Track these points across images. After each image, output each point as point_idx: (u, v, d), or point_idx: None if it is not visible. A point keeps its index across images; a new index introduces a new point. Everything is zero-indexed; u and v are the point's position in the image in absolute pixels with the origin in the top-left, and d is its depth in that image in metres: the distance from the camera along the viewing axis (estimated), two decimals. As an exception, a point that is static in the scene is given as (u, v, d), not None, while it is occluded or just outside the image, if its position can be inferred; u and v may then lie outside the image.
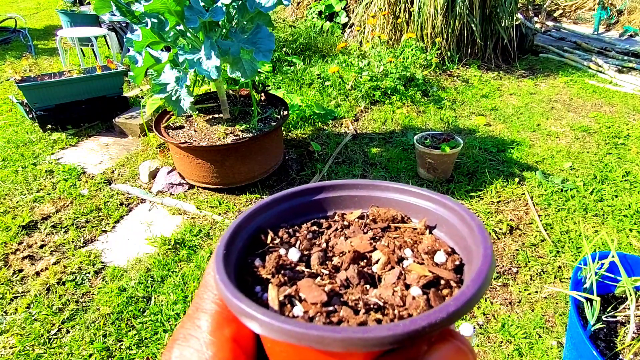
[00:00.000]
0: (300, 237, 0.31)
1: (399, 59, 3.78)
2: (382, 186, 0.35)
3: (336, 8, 5.02)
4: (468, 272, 0.27)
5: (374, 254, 0.29)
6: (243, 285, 0.27)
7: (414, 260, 0.29)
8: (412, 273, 0.27)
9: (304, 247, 0.30)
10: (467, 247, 0.28)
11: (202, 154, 2.24)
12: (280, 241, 0.31)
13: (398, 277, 0.27)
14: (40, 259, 1.98)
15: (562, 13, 6.52)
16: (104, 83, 3.19)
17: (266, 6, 2.02)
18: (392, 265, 0.28)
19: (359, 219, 0.34)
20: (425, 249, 0.29)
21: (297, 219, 0.34)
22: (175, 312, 1.67)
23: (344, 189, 0.35)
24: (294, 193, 0.34)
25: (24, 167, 2.69)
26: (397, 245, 0.30)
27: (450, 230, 0.31)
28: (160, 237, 2.07)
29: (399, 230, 0.33)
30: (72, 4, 5.17)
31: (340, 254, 0.29)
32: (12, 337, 1.59)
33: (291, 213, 0.34)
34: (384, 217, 0.33)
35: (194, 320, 0.26)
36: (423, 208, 0.33)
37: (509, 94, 3.78)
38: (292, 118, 3.10)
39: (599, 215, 2.21)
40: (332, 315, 0.24)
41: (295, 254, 0.29)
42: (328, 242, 0.31)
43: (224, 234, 0.29)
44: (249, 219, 0.31)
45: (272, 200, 0.33)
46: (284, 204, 0.33)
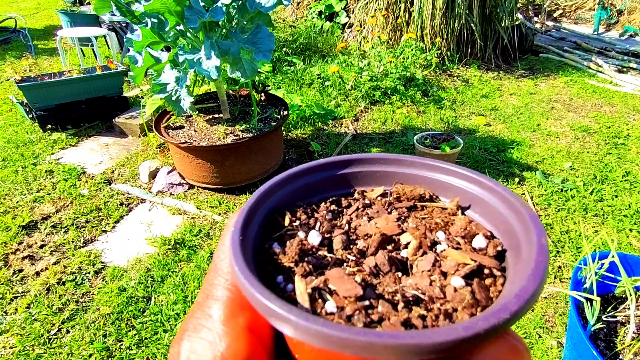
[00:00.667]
0: (319, 217, 0.29)
1: (399, 59, 3.78)
2: (406, 161, 0.31)
3: (336, 8, 5.02)
4: (514, 261, 0.24)
5: (403, 237, 0.27)
6: (263, 275, 0.24)
7: (449, 244, 0.26)
8: (448, 260, 0.24)
9: (325, 230, 0.27)
10: (509, 231, 0.25)
11: (202, 154, 2.24)
12: (299, 223, 0.28)
13: (433, 264, 0.24)
14: (40, 259, 1.98)
15: (562, 13, 6.52)
16: (104, 83, 3.19)
17: (266, 6, 2.02)
18: (424, 250, 0.25)
19: (381, 197, 0.31)
20: (459, 231, 0.26)
21: (314, 196, 0.31)
22: (175, 312, 1.67)
23: (365, 163, 0.32)
24: (309, 168, 0.31)
25: (24, 167, 2.69)
26: (427, 227, 0.27)
27: (486, 212, 0.28)
28: (160, 237, 2.07)
29: (426, 210, 0.30)
30: (72, 4, 5.17)
31: (364, 237, 0.27)
32: (12, 337, 1.59)
33: (307, 190, 0.31)
34: (409, 196, 0.30)
35: (204, 309, 0.24)
36: (454, 186, 0.30)
37: (509, 94, 3.78)
38: (292, 118, 3.10)
39: (599, 215, 2.21)
40: (370, 312, 0.21)
41: (315, 238, 0.26)
42: (350, 223, 0.28)
43: (238, 216, 0.25)
44: (263, 198, 0.28)
45: (286, 176, 0.29)
46: (299, 181, 0.30)
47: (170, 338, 1.56)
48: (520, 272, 0.22)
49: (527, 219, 0.24)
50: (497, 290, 0.23)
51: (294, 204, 0.29)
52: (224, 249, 0.26)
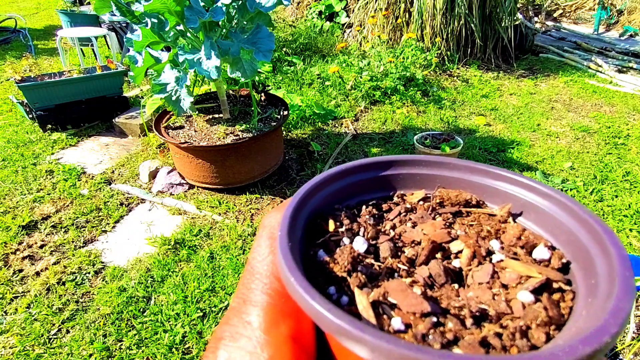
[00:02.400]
0: (362, 222, 0.27)
1: (399, 59, 3.78)
2: (450, 164, 0.30)
3: (336, 8, 5.02)
4: (585, 275, 0.22)
5: (453, 245, 0.25)
6: (314, 286, 0.22)
7: (506, 254, 0.24)
8: (507, 271, 0.22)
9: (370, 236, 0.26)
10: (572, 242, 0.23)
11: (202, 154, 2.24)
12: (344, 228, 0.26)
13: (491, 276, 0.22)
14: (40, 259, 1.98)
15: (562, 13, 6.52)
16: (104, 83, 3.19)
17: (266, 6, 2.02)
18: (479, 261, 0.24)
19: (422, 202, 0.29)
20: (514, 240, 0.24)
21: (352, 199, 0.29)
22: (175, 312, 1.67)
23: (405, 165, 0.30)
24: (347, 170, 0.29)
25: (24, 167, 2.69)
26: (479, 235, 0.25)
27: (542, 220, 0.26)
28: (160, 237, 2.07)
29: (473, 216, 0.28)
30: (72, 4, 5.17)
31: (411, 244, 0.25)
32: (12, 337, 1.59)
33: (344, 192, 0.29)
34: (454, 200, 0.28)
35: (241, 316, 0.22)
36: (501, 191, 0.28)
37: (509, 94, 3.78)
38: (292, 118, 3.10)
39: (599, 215, 2.21)
40: (443, 331, 0.20)
41: (361, 244, 0.25)
42: (394, 228, 0.27)
43: (282, 220, 0.23)
44: (304, 201, 0.26)
45: (324, 178, 0.28)
46: (337, 183, 0.29)
47: (171, 338, 1.56)
48: (603, 289, 0.20)
49: (597, 227, 0.22)
50: (567, 306, 0.21)
51: (333, 207, 0.28)
52: (260, 251, 0.24)
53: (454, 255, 0.25)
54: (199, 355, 1.51)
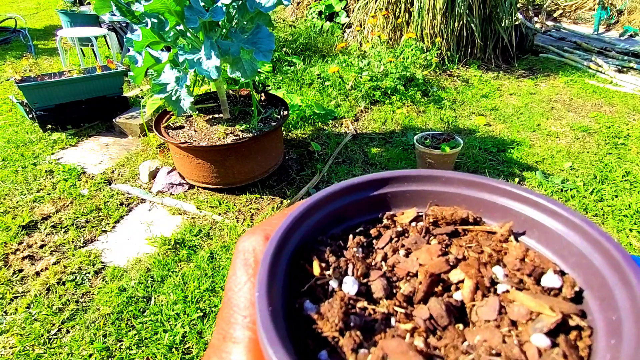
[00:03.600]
0: (350, 258, 0.24)
1: (399, 59, 3.78)
2: (442, 178, 0.27)
3: (336, 8, 5.02)
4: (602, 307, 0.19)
5: (452, 275, 0.22)
6: (301, 350, 0.19)
7: (511, 283, 0.21)
8: (515, 305, 0.20)
9: (360, 273, 0.23)
10: (585, 266, 0.21)
11: (202, 154, 2.24)
12: (330, 268, 0.23)
13: (499, 312, 0.20)
14: (40, 259, 1.98)
15: (562, 13, 6.52)
16: (104, 83, 3.19)
17: (266, 6, 2.02)
18: (483, 293, 0.21)
19: (414, 222, 0.27)
20: (517, 264, 0.22)
21: (336, 226, 0.26)
22: (175, 312, 1.67)
23: (393, 183, 0.27)
24: (327, 196, 0.26)
25: (24, 167, 2.69)
26: (480, 261, 0.23)
27: (547, 239, 0.24)
28: (160, 237, 2.07)
29: (470, 234, 0.25)
30: (72, 4, 5.17)
31: (407, 277, 0.23)
32: (12, 337, 1.59)
33: (328, 220, 0.26)
34: (449, 219, 0.26)
35: (222, 355, 0.20)
36: (500, 206, 0.25)
37: (509, 94, 3.78)
38: (292, 118, 3.10)
39: (599, 215, 2.21)
40: None
41: (351, 286, 0.22)
42: (386, 259, 0.24)
43: (260, 271, 0.20)
44: (284, 241, 0.23)
45: (304, 210, 0.24)
46: (319, 212, 0.26)
47: (171, 338, 1.56)
48: (628, 329, 0.17)
49: (613, 252, 0.20)
50: (585, 345, 0.19)
51: (316, 240, 0.25)
52: (235, 280, 0.23)
53: (455, 287, 0.22)
54: (199, 356, 1.51)
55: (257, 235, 0.24)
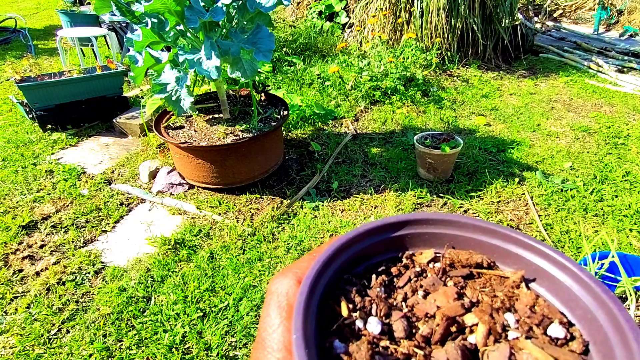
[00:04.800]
0: (373, 296, 0.26)
1: (399, 59, 3.78)
2: (458, 223, 0.29)
3: (336, 8, 5.02)
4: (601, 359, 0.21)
5: (467, 318, 0.24)
6: None
7: (521, 331, 0.23)
8: (524, 353, 0.21)
9: (383, 314, 0.25)
10: (590, 320, 0.23)
11: (202, 154, 2.24)
12: (356, 308, 0.25)
13: (509, 358, 0.21)
14: (40, 259, 1.98)
15: (562, 13, 6.52)
16: (104, 83, 3.19)
17: (266, 6, 2.02)
18: (495, 338, 0.23)
19: (432, 262, 0.28)
20: (527, 311, 0.24)
21: (359, 265, 0.28)
22: (175, 312, 1.67)
23: (412, 225, 0.29)
24: (353, 239, 0.28)
25: (24, 167, 2.69)
26: (493, 307, 0.24)
27: (556, 289, 0.25)
28: (160, 237, 2.07)
29: (484, 277, 0.27)
30: (72, 4, 5.17)
31: (425, 318, 0.24)
32: (12, 337, 1.59)
33: (352, 261, 0.28)
34: (465, 262, 0.27)
35: None
36: (513, 254, 0.27)
37: (509, 94, 3.78)
38: (292, 118, 3.10)
39: (599, 215, 2.21)
40: None
41: (375, 326, 0.24)
42: (406, 299, 0.26)
43: (295, 315, 0.22)
44: (314, 285, 0.24)
45: (332, 253, 0.26)
46: (346, 253, 0.27)
47: (171, 338, 1.57)
48: None
49: (616, 312, 0.21)
50: None
51: (342, 279, 0.27)
52: (269, 321, 0.24)
53: (469, 329, 0.24)
54: (199, 356, 1.51)
55: (289, 279, 0.26)
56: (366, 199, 2.38)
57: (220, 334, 1.58)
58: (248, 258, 1.94)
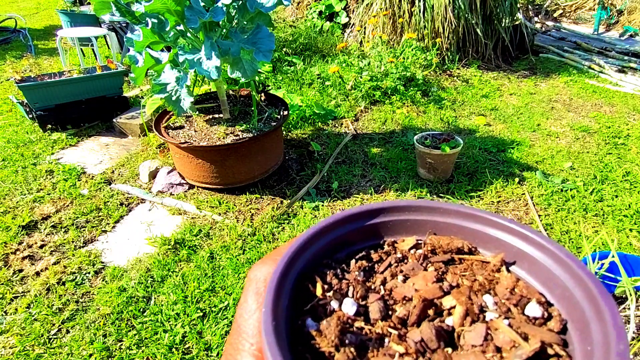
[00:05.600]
0: (351, 279, 0.26)
1: (399, 59, 3.78)
2: (440, 209, 0.29)
3: (336, 8, 5.02)
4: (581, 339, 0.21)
5: (445, 300, 0.24)
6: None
7: (499, 312, 0.23)
8: (500, 332, 0.22)
9: (359, 295, 0.25)
10: (568, 299, 0.23)
11: (202, 154, 2.24)
12: (332, 290, 0.25)
13: (485, 338, 0.21)
14: (40, 259, 1.98)
15: (562, 13, 6.52)
16: (104, 83, 3.19)
17: (266, 6, 2.02)
18: (472, 319, 0.23)
19: (414, 249, 0.28)
20: (506, 294, 0.24)
21: (341, 251, 0.28)
22: (175, 312, 1.67)
23: (394, 212, 0.29)
24: (335, 222, 0.28)
25: (24, 167, 2.69)
26: (471, 289, 0.24)
27: (535, 270, 0.25)
28: (160, 237, 2.07)
29: (465, 263, 0.27)
30: (72, 4, 5.17)
31: (402, 301, 0.24)
32: (12, 337, 1.59)
33: (332, 245, 0.28)
34: (446, 248, 0.28)
35: None
36: (494, 238, 0.27)
37: (509, 94, 3.78)
38: (292, 118, 3.10)
39: (599, 215, 2.21)
40: None
41: (350, 306, 0.24)
42: (384, 283, 0.26)
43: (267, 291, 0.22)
44: (290, 264, 0.24)
45: (311, 235, 0.26)
46: (324, 237, 0.27)
47: (171, 338, 1.56)
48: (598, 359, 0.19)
49: (591, 287, 0.22)
50: None
51: (321, 263, 0.27)
52: (246, 307, 0.23)
53: (447, 312, 0.24)
54: (199, 356, 1.51)
55: (268, 265, 0.25)
56: (366, 199, 2.38)
57: (220, 334, 1.58)
58: (248, 258, 1.94)
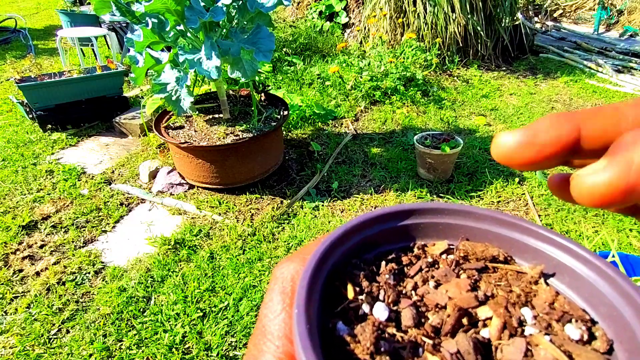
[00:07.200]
0: (382, 283, 0.25)
1: (399, 59, 3.78)
2: (475, 214, 0.27)
3: (336, 8, 5.02)
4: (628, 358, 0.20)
5: (480, 311, 0.23)
6: None
7: (539, 327, 0.22)
8: (541, 349, 0.20)
9: (391, 300, 0.24)
10: (615, 317, 0.21)
11: (202, 154, 2.24)
12: (362, 292, 0.24)
13: (525, 354, 0.20)
14: (40, 259, 1.98)
15: (562, 13, 6.52)
16: (104, 83, 3.19)
17: (267, 6, 2.02)
18: (510, 332, 0.21)
19: (445, 254, 0.27)
20: (546, 308, 0.22)
21: (370, 252, 0.27)
22: (175, 312, 1.67)
23: (426, 214, 0.28)
24: (366, 222, 0.27)
25: (24, 167, 2.69)
26: (509, 300, 0.23)
27: (578, 285, 0.24)
28: (160, 237, 2.07)
29: (499, 272, 0.26)
30: (72, 4, 5.17)
31: (435, 308, 0.23)
32: (12, 337, 1.59)
33: (362, 245, 0.27)
34: (480, 255, 0.26)
35: None
36: (532, 248, 0.26)
37: (509, 94, 3.78)
38: (292, 118, 3.10)
39: (599, 215, 2.21)
40: None
41: (382, 311, 0.22)
42: (416, 289, 0.25)
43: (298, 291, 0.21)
44: (321, 264, 0.23)
45: (342, 234, 0.25)
46: (354, 237, 0.26)
47: (171, 338, 1.56)
48: None
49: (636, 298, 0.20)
50: None
51: (350, 263, 0.26)
52: (272, 307, 0.23)
53: (482, 323, 0.22)
54: (199, 356, 1.51)
55: (295, 264, 0.24)
56: (366, 199, 2.37)
57: (220, 334, 1.58)
58: (248, 258, 1.94)
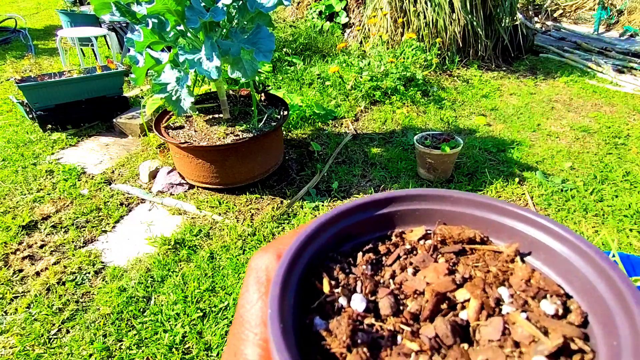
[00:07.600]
0: (358, 274, 0.24)
1: (400, 59, 3.78)
2: (450, 197, 0.27)
3: (336, 8, 5.02)
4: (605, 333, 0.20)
5: (459, 294, 0.23)
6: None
7: (515, 305, 0.22)
8: (518, 326, 0.21)
9: (368, 290, 0.23)
10: (589, 291, 0.22)
11: (202, 154, 2.24)
12: (339, 285, 0.24)
13: (502, 333, 0.20)
14: (40, 259, 1.98)
15: (562, 13, 6.52)
16: (104, 83, 3.19)
17: (267, 6, 2.02)
18: (487, 313, 0.22)
19: (423, 240, 0.27)
20: (522, 285, 0.22)
21: (346, 243, 0.27)
22: (175, 312, 1.67)
23: (403, 201, 0.28)
24: (340, 214, 0.26)
25: (24, 167, 2.69)
26: (485, 281, 0.23)
27: (553, 261, 0.24)
28: (160, 237, 2.07)
29: (477, 253, 0.26)
30: (72, 4, 5.17)
31: (414, 295, 0.23)
32: (12, 337, 1.59)
33: (338, 237, 0.26)
34: (457, 238, 0.26)
35: None
36: (508, 227, 0.26)
37: (509, 94, 3.78)
38: (292, 118, 3.10)
39: (599, 215, 2.21)
40: None
41: (360, 303, 0.22)
42: (394, 277, 0.25)
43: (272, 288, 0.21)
44: (295, 259, 0.23)
45: (316, 227, 0.25)
46: (330, 230, 0.26)
47: (171, 338, 1.56)
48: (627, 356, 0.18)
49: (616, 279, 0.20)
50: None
51: (327, 257, 0.25)
52: (248, 297, 0.23)
53: (461, 306, 0.23)
54: (199, 356, 1.51)
55: (269, 254, 0.25)
56: (366, 199, 2.37)
57: (220, 334, 1.58)
58: (248, 258, 1.94)
